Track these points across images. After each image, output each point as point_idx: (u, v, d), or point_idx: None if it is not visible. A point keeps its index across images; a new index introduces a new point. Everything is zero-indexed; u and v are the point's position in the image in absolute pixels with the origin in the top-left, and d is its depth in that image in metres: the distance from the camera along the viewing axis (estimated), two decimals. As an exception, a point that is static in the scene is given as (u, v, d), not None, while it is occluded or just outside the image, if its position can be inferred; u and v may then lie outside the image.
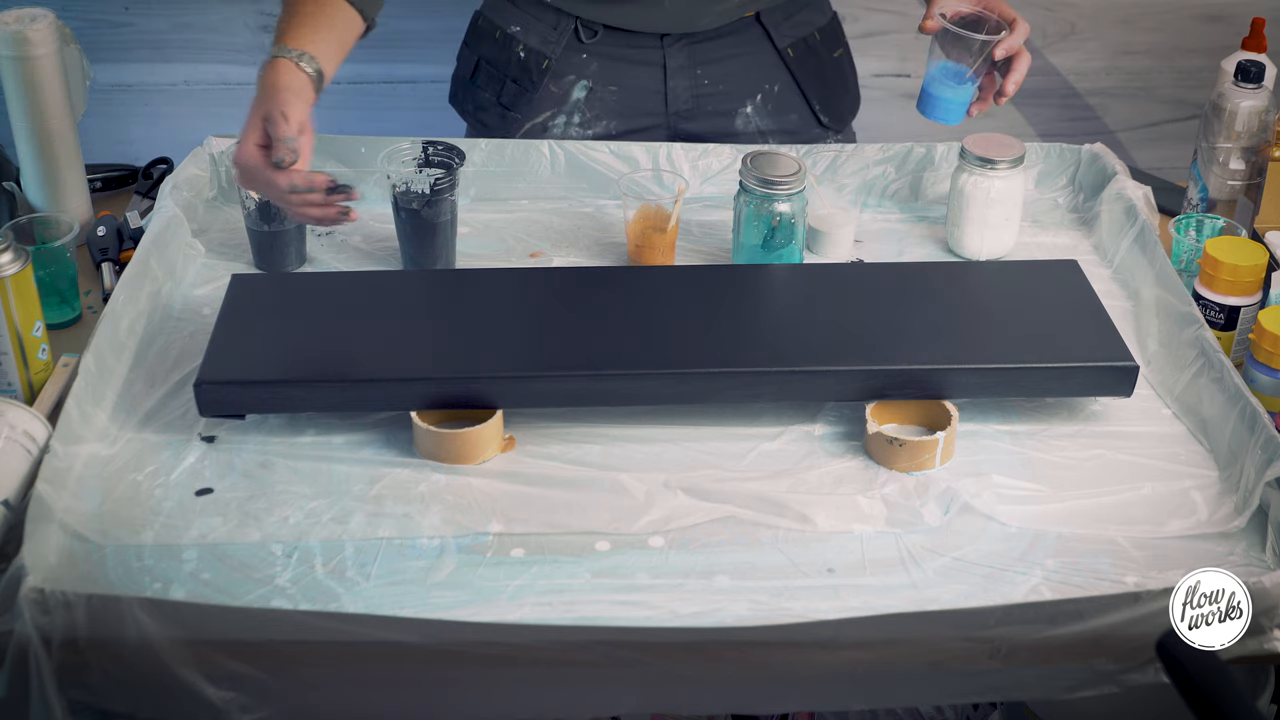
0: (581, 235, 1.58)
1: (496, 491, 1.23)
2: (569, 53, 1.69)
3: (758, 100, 1.73)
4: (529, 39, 1.70)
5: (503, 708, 1.15)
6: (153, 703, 1.10)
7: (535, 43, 1.69)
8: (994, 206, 1.51)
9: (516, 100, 1.71)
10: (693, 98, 1.72)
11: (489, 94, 1.74)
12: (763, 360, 1.29)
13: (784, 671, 1.12)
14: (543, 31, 1.69)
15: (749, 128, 1.74)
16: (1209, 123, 1.58)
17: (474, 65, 1.76)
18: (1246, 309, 1.40)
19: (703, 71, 1.71)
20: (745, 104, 1.73)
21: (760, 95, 1.73)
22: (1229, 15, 2.27)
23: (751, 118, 1.73)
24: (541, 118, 1.71)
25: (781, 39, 1.71)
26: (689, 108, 1.72)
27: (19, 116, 1.55)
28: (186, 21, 2.19)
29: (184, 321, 1.43)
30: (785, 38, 1.72)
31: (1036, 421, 1.32)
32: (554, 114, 1.71)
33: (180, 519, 1.19)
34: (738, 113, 1.73)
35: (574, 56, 1.70)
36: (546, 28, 1.69)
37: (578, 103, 1.71)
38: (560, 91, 1.71)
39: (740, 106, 1.73)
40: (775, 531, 1.20)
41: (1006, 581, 1.15)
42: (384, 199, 1.55)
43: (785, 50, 1.71)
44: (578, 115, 1.71)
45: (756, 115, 1.73)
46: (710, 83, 1.71)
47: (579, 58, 1.70)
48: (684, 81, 1.71)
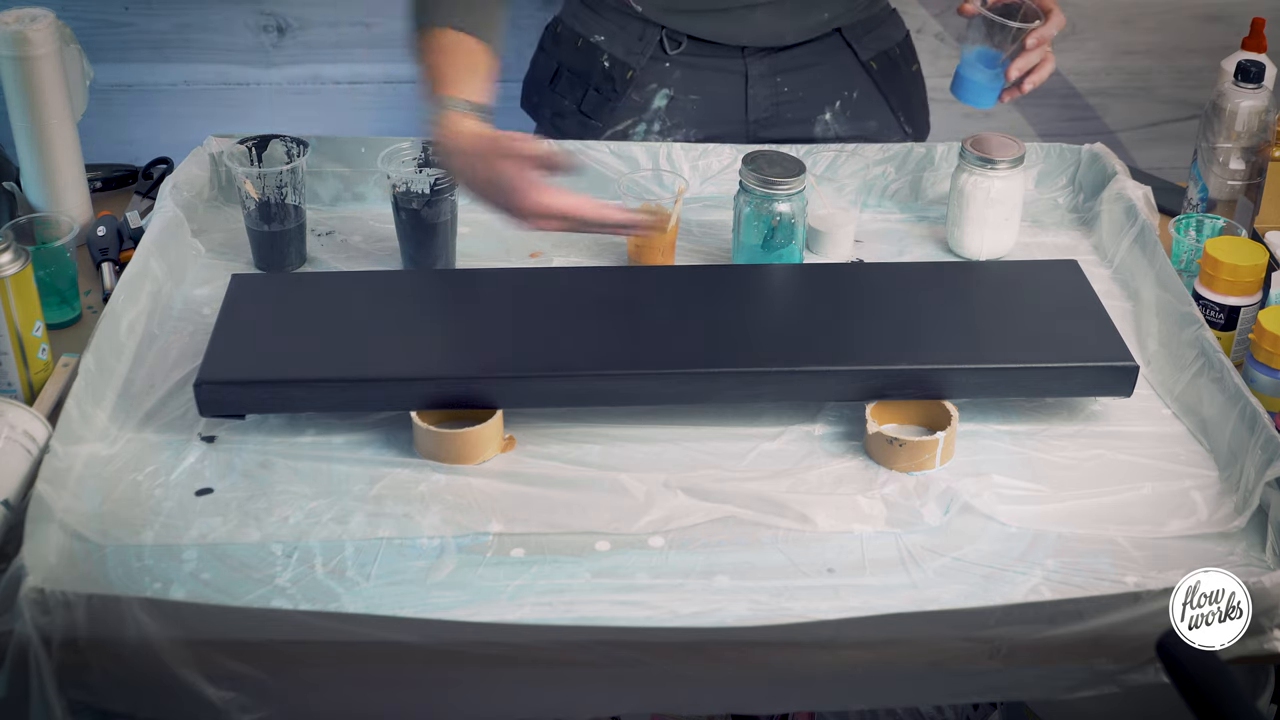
0: (581, 235, 1.58)
1: (496, 491, 1.23)
2: (653, 62, 1.69)
3: (837, 106, 1.73)
4: (614, 49, 1.69)
5: (503, 708, 1.15)
6: (153, 703, 1.10)
7: (620, 53, 1.69)
8: (994, 206, 1.51)
9: (598, 109, 1.71)
10: (773, 105, 1.72)
11: (569, 101, 1.73)
12: (763, 360, 1.29)
13: (784, 671, 1.12)
14: (627, 42, 1.69)
15: (828, 134, 1.74)
16: (1209, 123, 1.58)
17: (554, 71, 1.75)
18: (1246, 309, 1.40)
19: (783, 79, 1.71)
20: (825, 110, 1.73)
21: (839, 102, 1.73)
22: (1229, 15, 2.27)
23: (830, 124, 1.74)
24: (622, 125, 1.71)
25: (864, 51, 1.72)
26: (769, 115, 1.72)
27: (19, 116, 1.55)
28: (186, 21, 2.19)
29: (184, 321, 1.43)
30: (867, 50, 1.73)
31: (1036, 421, 1.32)
32: (635, 121, 1.71)
33: (180, 519, 1.19)
34: (817, 120, 1.73)
35: (657, 66, 1.70)
36: (632, 38, 1.69)
37: (658, 111, 1.71)
38: (642, 100, 1.71)
39: (819, 114, 1.73)
40: (775, 531, 1.20)
41: (1006, 581, 1.15)
42: (384, 199, 1.55)
43: (869, 63, 1.73)
44: (658, 123, 1.71)
45: (835, 121, 1.74)
46: (790, 90, 1.72)
47: (662, 67, 1.70)
48: (764, 90, 1.71)
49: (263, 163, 1.49)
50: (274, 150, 1.49)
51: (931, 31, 2.24)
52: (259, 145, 1.50)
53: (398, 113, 2.26)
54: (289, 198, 1.48)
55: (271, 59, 2.22)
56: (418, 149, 1.50)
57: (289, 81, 2.24)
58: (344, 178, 1.63)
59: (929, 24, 2.24)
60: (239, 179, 1.48)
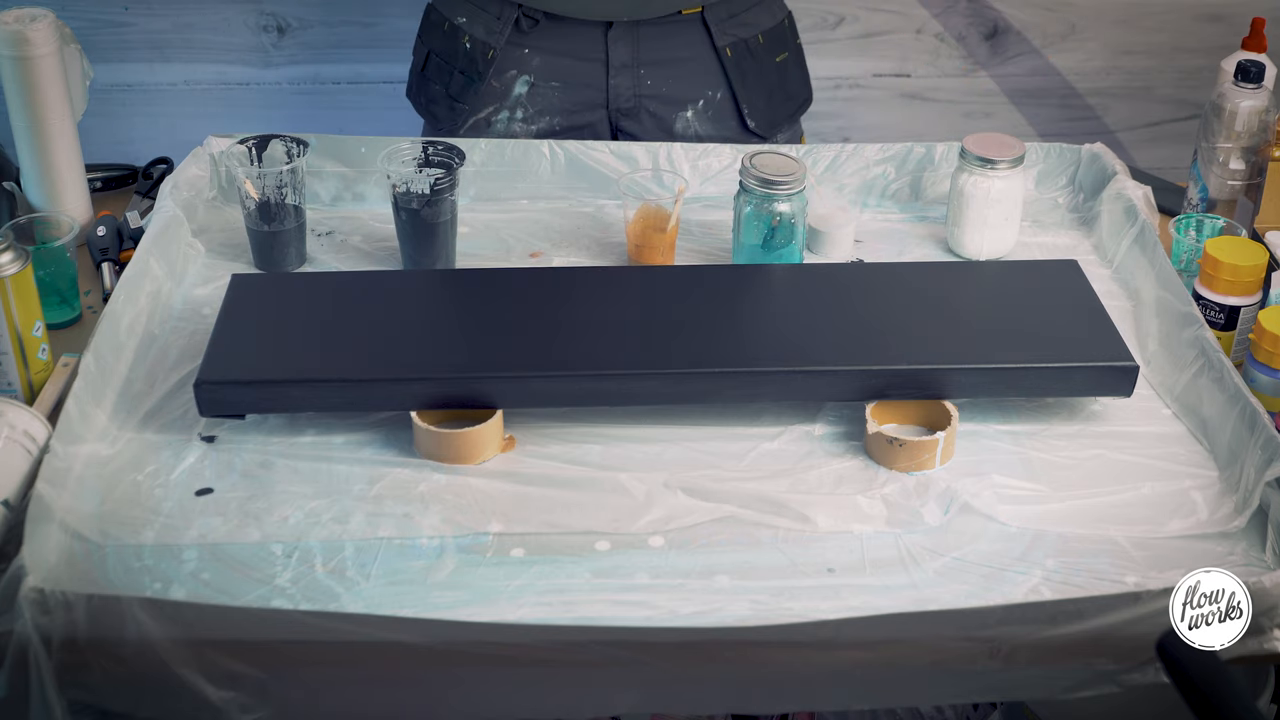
0: (581, 235, 1.58)
1: (496, 491, 1.23)
2: (511, 46, 1.70)
3: (699, 105, 1.74)
4: (474, 30, 1.71)
5: (503, 708, 1.15)
6: (153, 703, 1.10)
7: (480, 33, 1.70)
8: (994, 206, 1.51)
9: (464, 92, 1.72)
10: (634, 96, 1.72)
11: (439, 86, 1.75)
12: (763, 360, 1.29)
13: (784, 671, 1.12)
14: (487, 22, 1.70)
15: (688, 132, 1.75)
16: (1209, 123, 1.58)
17: (425, 58, 1.77)
18: (1246, 309, 1.40)
19: (646, 72, 1.71)
20: (686, 109, 1.74)
21: (702, 101, 1.74)
22: (1229, 15, 2.27)
23: (691, 122, 1.74)
24: (485, 112, 1.72)
25: (721, 37, 1.71)
26: (631, 106, 1.73)
27: (19, 116, 1.55)
28: (186, 21, 2.19)
29: (184, 321, 1.43)
30: (724, 36, 1.72)
31: (1036, 421, 1.32)
32: (497, 109, 1.72)
33: (180, 519, 1.19)
34: (678, 116, 1.74)
35: (516, 51, 1.70)
36: (490, 18, 1.70)
37: (520, 98, 1.72)
38: (502, 87, 1.72)
39: (681, 110, 1.74)
40: (775, 531, 1.20)
41: (1006, 581, 1.15)
42: (384, 199, 1.55)
43: (723, 49, 1.71)
44: (520, 111, 1.72)
45: (696, 120, 1.74)
46: (653, 84, 1.72)
47: (521, 52, 1.71)
48: (626, 80, 1.71)
49: (263, 163, 1.49)
50: (274, 150, 1.49)
51: (931, 31, 2.24)
52: (259, 145, 1.50)
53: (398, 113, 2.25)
54: (289, 198, 1.49)
55: (271, 59, 2.22)
56: (418, 149, 1.50)
57: (289, 81, 2.24)
58: (344, 178, 1.63)
59: (929, 24, 2.24)
60: (239, 179, 1.48)
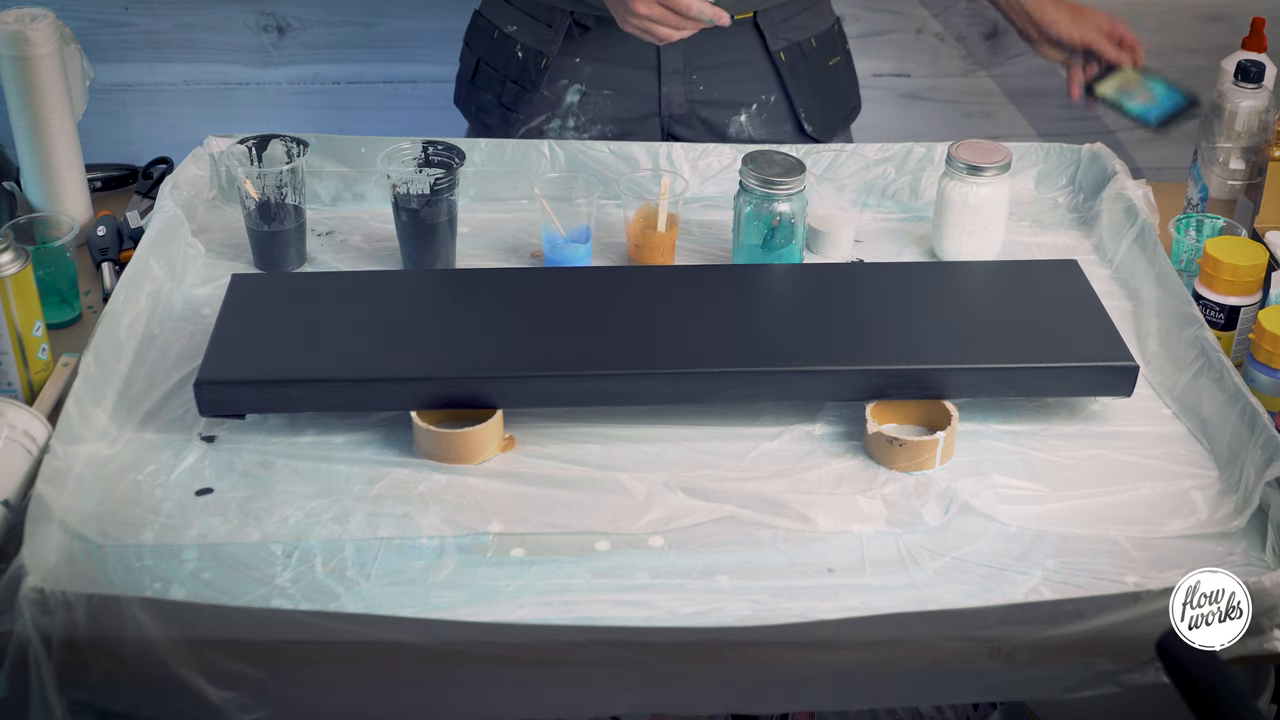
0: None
1: (496, 491, 1.23)
2: (563, 55, 1.70)
3: (753, 109, 1.73)
4: (525, 38, 1.70)
5: (503, 708, 1.15)
6: (153, 703, 1.10)
7: (532, 41, 1.70)
8: (975, 213, 1.50)
9: (517, 100, 1.72)
10: (687, 102, 1.72)
11: (490, 95, 1.74)
12: (763, 360, 1.29)
13: (784, 671, 1.12)
14: (538, 30, 1.70)
15: (742, 135, 1.74)
16: (1209, 123, 1.58)
17: (474, 66, 1.76)
18: (1246, 309, 1.40)
19: (698, 77, 1.71)
20: (740, 113, 1.74)
21: (755, 105, 1.73)
22: (1229, 15, 2.27)
23: (745, 126, 1.74)
24: (537, 121, 1.72)
25: (775, 42, 1.71)
26: (684, 112, 1.72)
27: (19, 116, 1.55)
28: (186, 21, 2.19)
29: (184, 321, 1.43)
30: (778, 40, 1.72)
31: (1036, 421, 1.32)
32: (549, 117, 1.72)
33: (180, 519, 1.19)
34: (731, 121, 1.74)
35: (568, 60, 1.70)
36: (542, 25, 1.70)
37: (571, 106, 1.71)
38: (554, 96, 1.71)
39: (735, 114, 1.74)
40: (775, 531, 1.20)
41: (1006, 581, 1.15)
42: (384, 199, 1.55)
43: (777, 54, 1.71)
44: (572, 119, 1.72)
45: (750, 124, 1.74)
46: (706, 89, 1.72)
47: (572, 61, 1.70)
48: (679, 86, 1.71)
49: (263, 163, 1.49)
50: (274, 150, 1.49)
51: (931, 31, 2.24)
52: (259, 145, 1.50)
53: (398, 113, 2.26)
54: (289, 197, 1.49)
55: (271, 59, 2.22)
56: (418, 149, 1.50)
57: (289, 81, 2.24)
58: (344, 178, 1.63)
59: (929, 24, 2.24)
60: (239, 179, 1.48)
